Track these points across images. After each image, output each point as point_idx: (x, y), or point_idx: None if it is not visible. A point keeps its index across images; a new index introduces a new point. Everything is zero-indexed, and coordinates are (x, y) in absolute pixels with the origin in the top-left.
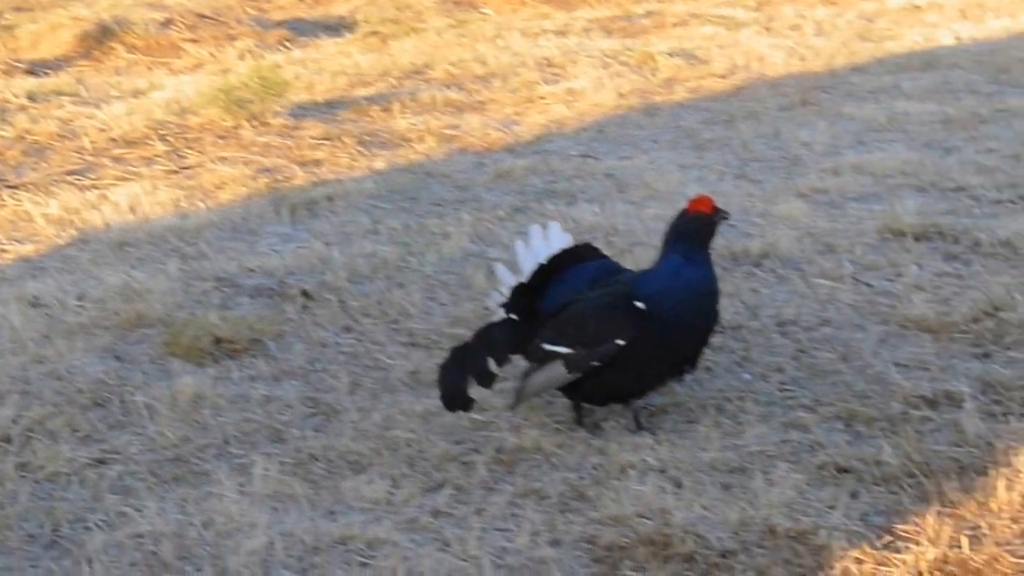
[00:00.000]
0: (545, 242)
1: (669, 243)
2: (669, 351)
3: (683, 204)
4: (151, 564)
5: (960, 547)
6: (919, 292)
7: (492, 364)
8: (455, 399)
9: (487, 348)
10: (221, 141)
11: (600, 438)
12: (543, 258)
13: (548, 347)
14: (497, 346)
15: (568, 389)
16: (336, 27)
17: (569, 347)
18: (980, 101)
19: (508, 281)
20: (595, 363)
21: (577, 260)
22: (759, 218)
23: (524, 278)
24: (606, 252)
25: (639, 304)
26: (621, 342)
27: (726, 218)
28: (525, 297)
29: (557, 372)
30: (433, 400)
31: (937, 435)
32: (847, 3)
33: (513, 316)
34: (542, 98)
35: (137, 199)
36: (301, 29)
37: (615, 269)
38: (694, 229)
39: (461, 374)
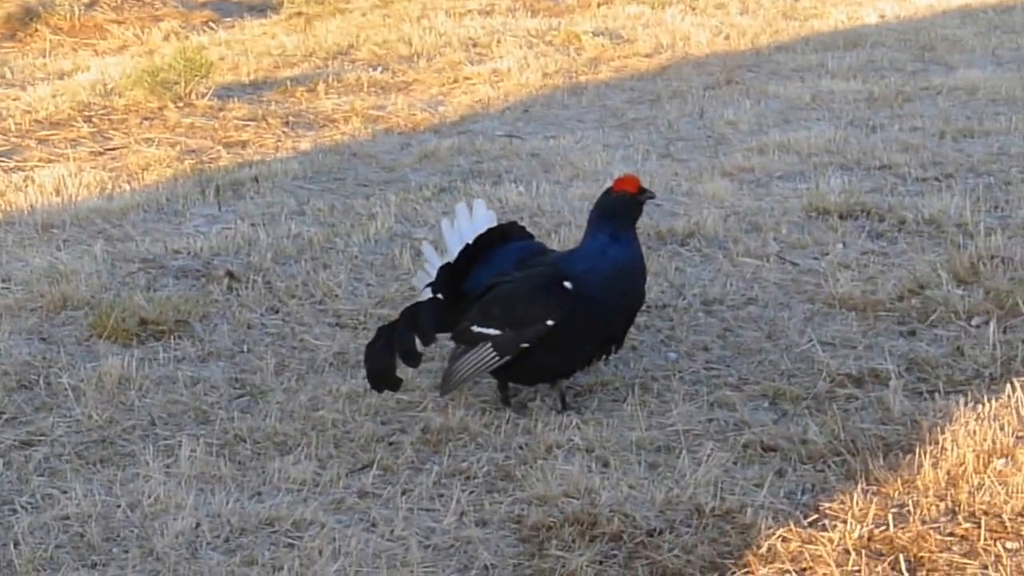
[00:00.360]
0: (470, 220)
1: (595, 222)
2: (597, 330)
3: (608, 183)
4: (78, 546)
5: (886, 525)
6: (845, 270)
7: (418, 344)
8: (382, 379)
9: (413, 327)
10: (146, 123)
11: (526, 418)
12: (469, 238)
13: (477, 329)
14: (423, 325)
15: (496, 369)
16: (261, 8)
17: (498, 329)
18: (904, 79)
19: (434, 260)
20: (525, 344)
21: (503, 239)
22: (684, 197)
23: (450, 258)
24: (532, 232)
25: (567, 284)
26: (551, 322)
27: (651, 197)
28: (451, 277)
29: (486, 355)
30: (359, 381)
31: (863, 413)
32: None
33: (439, 296)
34: (467, 78)
35: (62, 181)
36: (226, 10)
37: (540, 250)
38: (619, 208)
39: (388, 354)
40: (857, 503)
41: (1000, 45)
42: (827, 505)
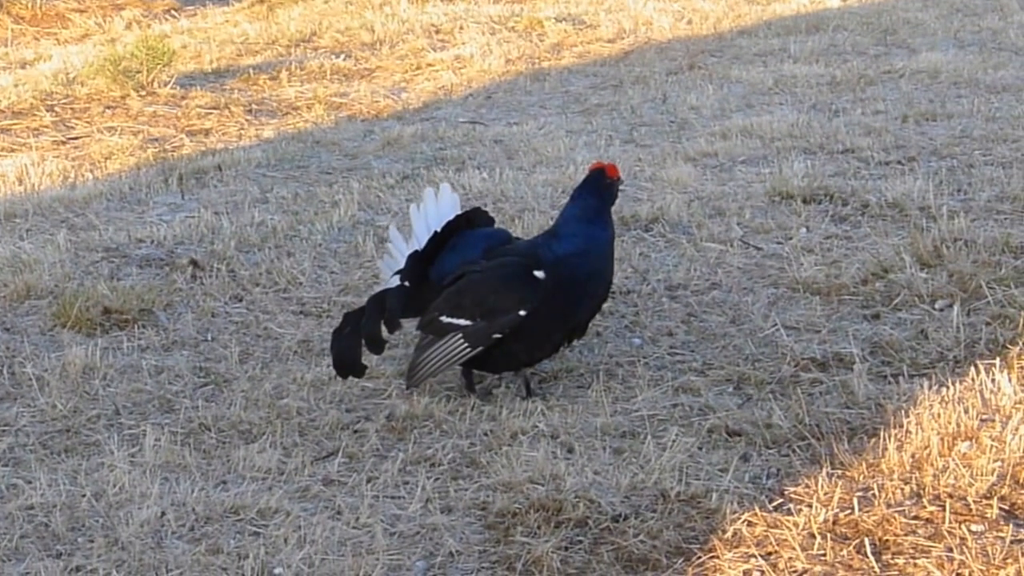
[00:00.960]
0: (436, 205)
1: (588, 206)
2: (567, 318)
3: (585, 168)
4: (43, 536)
5: (851, 508)
6: (808, 254)
7: (384, 330)
8: (347, 365)
9: (380, 314)
10: (109, 111)
11: (491, 405)
12: (435, 222)
13: (446, 320)
14: (390, 312)
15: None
16: None
17: (469, 319)
18: (867, 63)
19: (400, 244)
20: (497, 335)
21: (468, 226)
22: (648, 182)
23: (417, 243)
24: (495, 218)
25: (538, 273)
26: (523, 313)
27: (621, 184)
28: (420, 264)
29: (456, 345)
30: (324, 368)
31: (827, 397)
32: None
33: (406, 283)
34: (430, 65)
35: (25, 170)
36: None
37: (507, 237)
38: (612, 195)
39: (354, 340)
40: (822, 487)
41: (962, 28)
42: (792, 489)
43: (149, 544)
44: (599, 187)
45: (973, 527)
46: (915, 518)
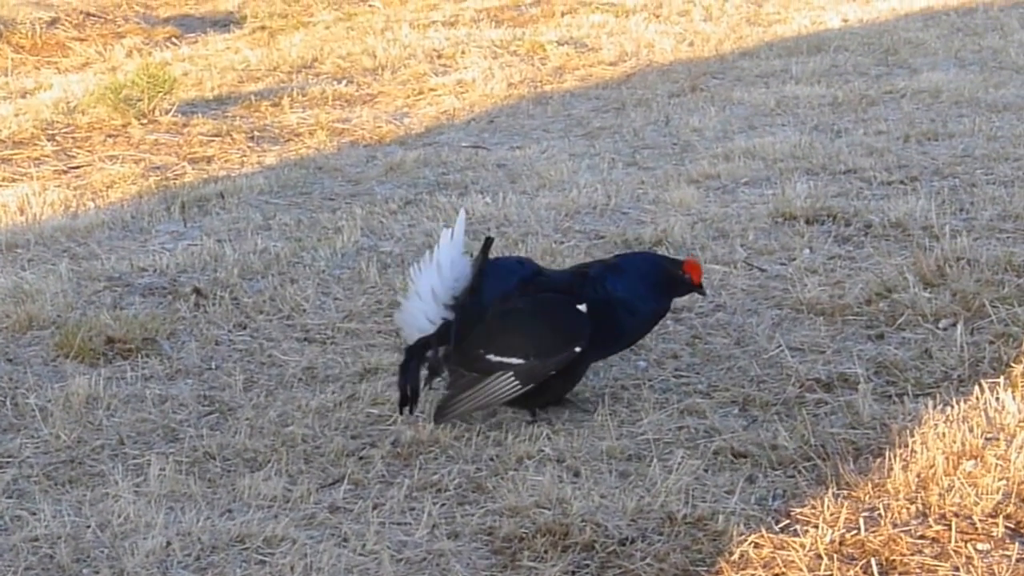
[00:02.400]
0: (453, 234)
1: (644, 282)
2: (597, 353)
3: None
4: (47, 567)
5: (857, 529)
6: (812, 275)
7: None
8: (411, 398)
9: (442, 346)
10: (110, 140)
11: (496, 429)
12: (448, 255)
13: (495, 358)
14: (448, 344)
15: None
16: (224, 23)
17: (521, 358)
18: (868, 83)
19: (432, 275)
20: (552, 372)
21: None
22: (651, 205)
23: (437, 267)
24: (499, 242)
25: (580, 307)
26: (578, 349)
27: (703, 295)
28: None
29: (506, 384)
30: (329, 395)
31: (832, 418)
32: None
33: (452, 316)
34: (432, 90)
35: (26, 200)
36: (189, 25)
37: (537, 268)
38: (676, 288)
39: (418, 372)
40: (828, 507)
41: (963, 47)
42: (798, 510)
43: (154, 574)
44: (668, 271)
45: (979, 546)
46: (921, 537)
